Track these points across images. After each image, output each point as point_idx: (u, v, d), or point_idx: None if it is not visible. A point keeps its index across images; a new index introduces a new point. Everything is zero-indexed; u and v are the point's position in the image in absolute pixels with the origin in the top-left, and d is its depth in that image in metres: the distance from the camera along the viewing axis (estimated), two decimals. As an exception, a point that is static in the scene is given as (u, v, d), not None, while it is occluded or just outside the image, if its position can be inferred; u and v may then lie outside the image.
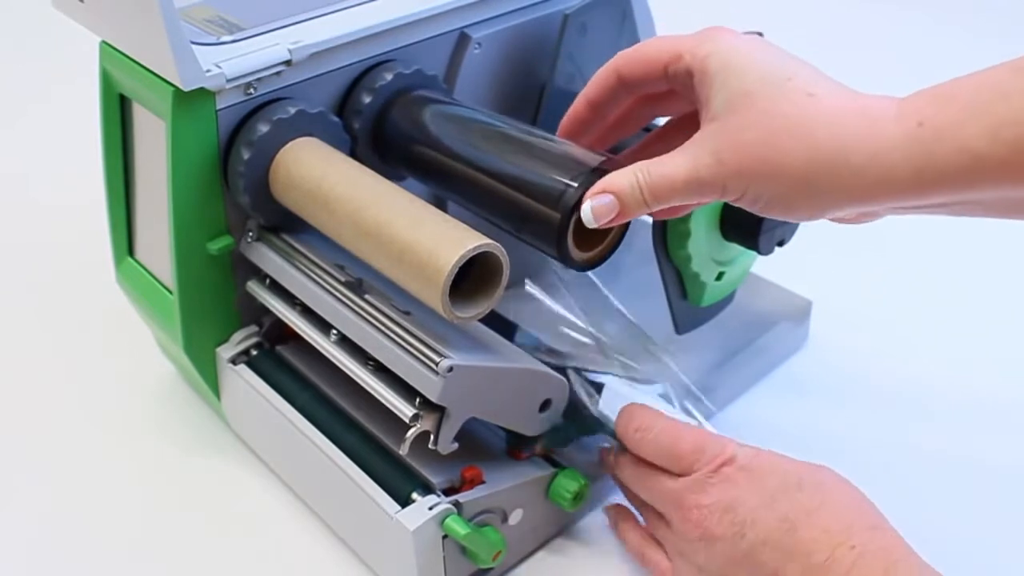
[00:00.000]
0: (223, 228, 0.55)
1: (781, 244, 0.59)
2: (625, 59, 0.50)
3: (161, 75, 0.50)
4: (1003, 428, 0.63)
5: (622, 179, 0.46)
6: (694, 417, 0.60)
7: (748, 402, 0.65)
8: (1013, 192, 0.41)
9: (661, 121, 0.55)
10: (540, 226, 0.50)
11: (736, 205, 0.46)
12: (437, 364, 0.47)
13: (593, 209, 0.47)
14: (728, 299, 0.63)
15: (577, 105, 0.53)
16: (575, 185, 0.49)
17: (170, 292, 0.57)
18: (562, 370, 0.55)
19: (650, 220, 0.59)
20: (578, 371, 0.56)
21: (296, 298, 0.55)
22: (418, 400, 0.49)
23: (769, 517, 0.47)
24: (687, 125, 0.51)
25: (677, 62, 0.47)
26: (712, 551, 0.48)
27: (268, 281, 0.57)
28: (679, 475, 0.51)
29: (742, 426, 0.63)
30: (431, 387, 0.47)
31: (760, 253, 0.57)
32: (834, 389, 0.66)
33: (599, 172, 0.49)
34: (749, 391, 0.66)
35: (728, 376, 0.65)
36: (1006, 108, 0.40)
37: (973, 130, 0.40)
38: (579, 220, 0.49)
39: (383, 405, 0.50)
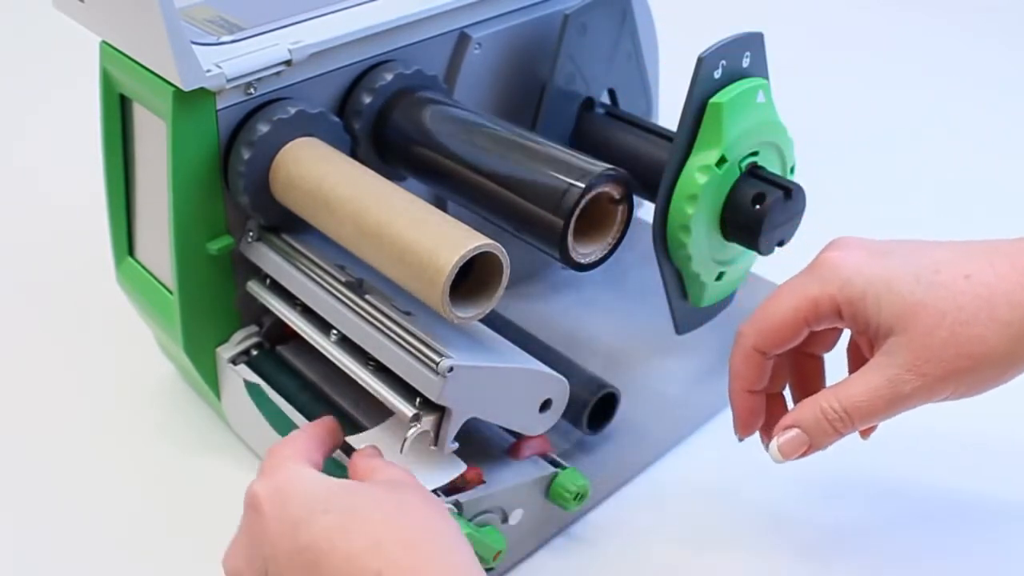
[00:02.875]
0: (223, 228, 0.55)
1: (781, 244, 0.58)
2: (759, 336, 0.49)
3: (161, 75, 0.50)
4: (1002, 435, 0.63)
5: (807, 413, 0.47)
6: None
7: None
8: None
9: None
10: (541, 227, 0.50)
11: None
12: (437, 364, 0.47)
13: (781, 446, 0.47)
14: (728, 299, 0.63)
15: (739, 399, 0.52)
16: (577, 185, 0.49)
17: (170, 292, 0.57)
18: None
19: (650, 220, 0.59)
20: None
21: (296, 298, 0.55)
22: (418, 400, 0.49)
23: (289, 550, 0.41)
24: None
25: (816, 313, 0.47)
26: None
27: (268, 281, 0.57)
28: None
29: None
30: (431, 387, 0.47)
31: (760, 253, 0.57)
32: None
33: (606, 175, 0.49)
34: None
35: (724, 380, 0.65)
36: None
37: None
38: (579, 219, 0.49)
39: (383, 405, 0.50)
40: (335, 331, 0.53)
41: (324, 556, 0.39)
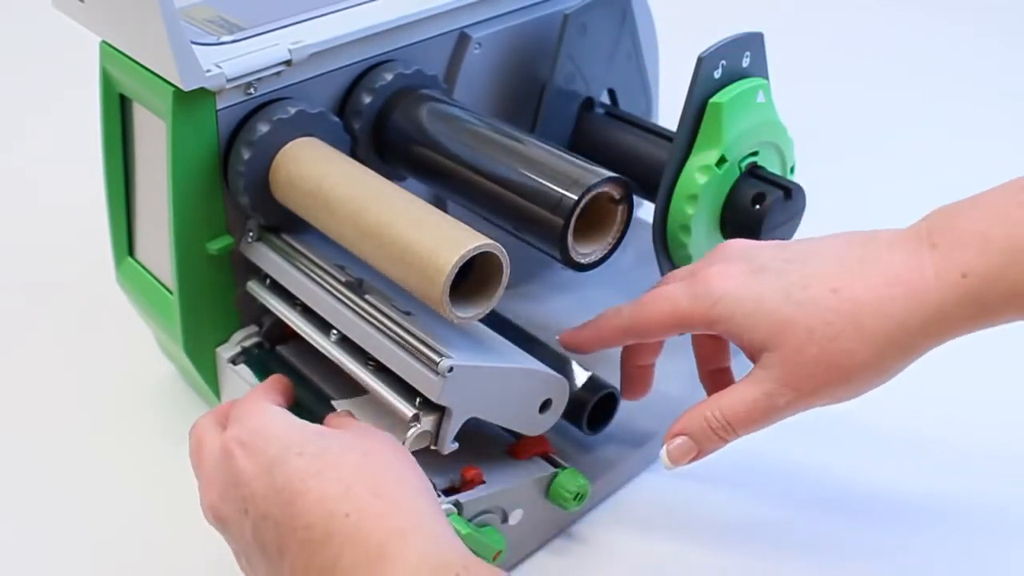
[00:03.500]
0: (223, 228, 0.55)
1: (781, 244, 0.58)
2: (630, 328, 0.51)
3: (161, 75, 0.50)
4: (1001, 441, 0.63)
5: (693, 421, 0.48)
6: None
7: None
8: None
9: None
10: (541, 227, 0.50)
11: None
12: (437, 364, 0.47)
13: (670, 453, 0.49)
14: (728, 299, 0.63)
15: (585, 332, 0.54)
16: (577, 185, 0.49)
17: (170, 292, 0.57)
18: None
19: (650, 220, 0.59)
20: None
21: (296, 298, 0.55)
22: (418, 400, 0.49)
23: (266, 489, 0.42)
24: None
25: (687, 324, 0.49)
26: (231, 536, 0.45)
27: (268, 281, 0.57)
28: None
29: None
30: (431, 387, 0.47)
31: (760, 253, 0.57)
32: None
33: (606, 176, 0.49)
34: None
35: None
36: None
37: (1017, 275, 0.42)
38: (579, 220, 0.49)
39: (383, 405, 0.50)
40: (335, 331, 0.53)
41: (299, 496, 0.41)
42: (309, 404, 0.56)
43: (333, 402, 0.54)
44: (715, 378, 0.54)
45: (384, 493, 0.41)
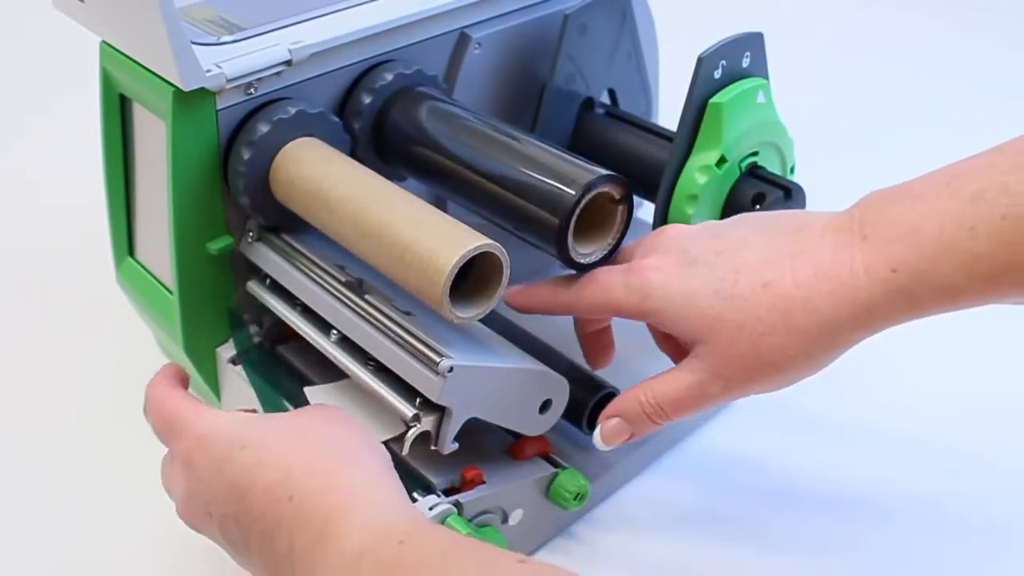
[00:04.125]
0: (223, 228, 0.55)
1: (781, 244, 0.58)
2: (569, 306, 0.52)
3: (161, 75, 0.50)
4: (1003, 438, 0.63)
5: (627, 404, 0.49)
6: None
7: (747, 402, 0.65)
8: (1003, 301, 0.42)
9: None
10: (542, 227, 0.50)
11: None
12: (437, 364, 0.47)
13: (603, 433, 0.50)
14: (728, 299, 0.63)
15: (530, 292, 0.54)
16: (577, 185, 0.49)
17: (170, 292, 0.57)
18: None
19: (650, 220, 0.59)
20: None
21: (296, 298, 0.55)
22: (418, 400, 0.49)
23: (220, 489, 0.43)
24: None
25: (620, 312, 0.49)
26: (212, 539, 0.46)
27: (268, 281, 0.57)
28: None
29: (740, 425, 0.63)
30: (431, 387, 0.47)
31: (760, 253, 0.57)
32: (833, 388, 0.66)
33: (606, 176, 0.49)
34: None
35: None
36: (973, 244, 0.41)
37: (948, 269, 0.42)
38: (579, 220, 0.49)
39: (382, 404, 0.50)
40: (335, 331, 0.53)
41: (248, 491, 0.42)
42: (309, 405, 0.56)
43: (306, 389, 0.54)
44: (672, 344, 0.53)
45: (320, 469, 0.42)
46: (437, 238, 0.46)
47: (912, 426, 0.63)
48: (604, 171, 0.50)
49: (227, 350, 0.59)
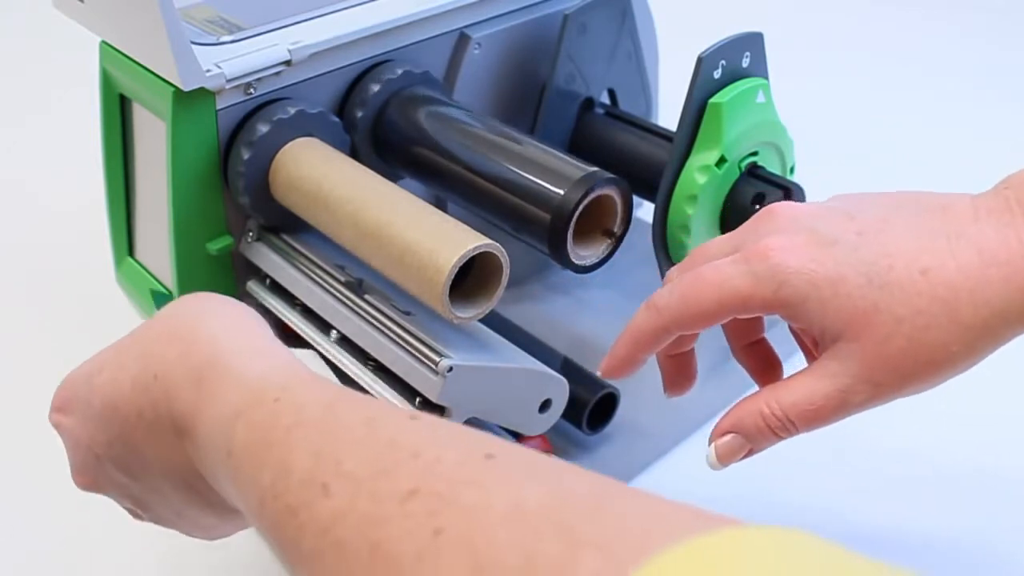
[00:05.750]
0: (223, 228, 0.55)
1: (781, 244, 0.58)
2: (676, 321, 0.43)
3: (161, 75, 0.50)
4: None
5: (747, 417, 0.42)
6: None
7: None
8: None
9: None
10: (541, 229, 0.50)
11: None
12: (437, 364, 0.47)
13: (718, 451, 0.43)
14: (728, 299, 0.63)
15: (630, 351, 0.46)
16: (577, 187, 0.49)
17: (170, 292, 0.57)
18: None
19: (650, 220, 0.59)
20: None
21: (296, 298, 0.55)
22: (418, 400, 0.49)
23: (95, 420, 0.41)
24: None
25: (744, 309, 0.41)
26: (113, 495, 0.44)
27: (268, 281, 0.57)
28: None
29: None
30: (431, 387, 0.47)
31: (760, 253, 0.57)
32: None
33: (606, 178, 0.49)
34: (746, 393, 0.66)
35: (726, 378, 0.65)
36: None
37: None
38: (578, 222, 0.49)
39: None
40: (335, 331, 0.53)
41: (118, 400, 0.39)
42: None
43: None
44: (753, 352, 0.47)
45: (178, 335, 0.38)
46: (437, 238, 0.46)
47: (916, 432, 0.63)
48: (604, 173, 0.50)
49: (227, 350, 0.59)
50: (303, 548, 0.30)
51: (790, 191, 0.56)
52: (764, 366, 0.48)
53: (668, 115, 0.65)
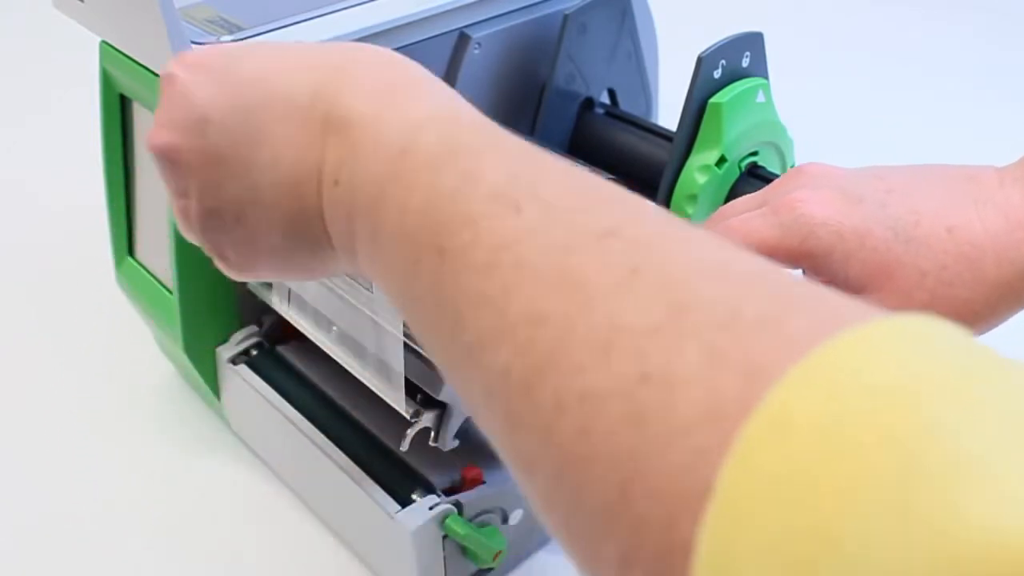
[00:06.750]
0: (223, 228, 0.55)
1: (781, 244, 0.58)
2: None
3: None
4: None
5: None
6: None
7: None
8: None
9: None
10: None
11: None
12: (437, 363, 0.47)
13: None
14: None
15: None
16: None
17: (170, 292, 0.57)
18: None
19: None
20: None
21: (297, 294, 0.55)
22: (419, 397, 0.49)
23: (226, 97, 0.35)
24: None
25: (772, 260, 0.41)
26: (184, 176, 0.37)
27: (268, 281, 0.57)
28: None
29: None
30: (432, 383, 0.47)
31: (760, 253, 0.57)
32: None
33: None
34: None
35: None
36: None
37: None
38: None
39: (383, 404, 0.50)
40: (335, 327, 0.53)
41: (271, 75, 0.35)
42: (309, 404, 0.56)
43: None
44: None
45: (389, 58, 0.35)
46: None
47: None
48: (604, 174, 0.50)
49: (227, 350, 0.59)
50: (469, 258, 0.28)
51: (790, 191, 0.56)
52: None
53: (668, 115, 0.65)
